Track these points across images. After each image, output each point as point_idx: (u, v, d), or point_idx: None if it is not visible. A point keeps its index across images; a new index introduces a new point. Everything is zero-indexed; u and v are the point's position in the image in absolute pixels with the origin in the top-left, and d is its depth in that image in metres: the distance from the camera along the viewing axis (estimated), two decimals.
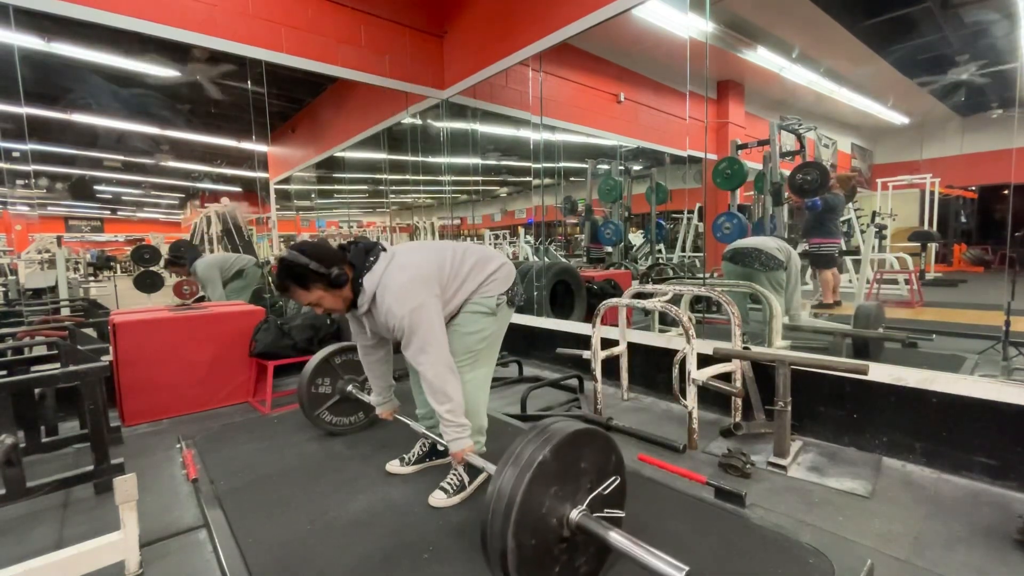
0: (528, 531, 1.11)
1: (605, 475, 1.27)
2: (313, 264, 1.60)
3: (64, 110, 5.08)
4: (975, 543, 1.55)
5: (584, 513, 1.18)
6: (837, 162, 6.09)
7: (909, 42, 4.70)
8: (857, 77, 5.46)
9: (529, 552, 1.12)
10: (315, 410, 2.39)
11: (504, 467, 1.15)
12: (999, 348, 2.48)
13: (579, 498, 1.21)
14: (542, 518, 1.14)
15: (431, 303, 1.64)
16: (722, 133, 5.93)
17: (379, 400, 2.09)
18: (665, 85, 5.70)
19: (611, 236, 5.62)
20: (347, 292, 1.69)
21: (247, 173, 7.47)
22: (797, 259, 3.32)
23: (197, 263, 4.26)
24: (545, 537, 1.15)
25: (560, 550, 1.20)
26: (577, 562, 1.25)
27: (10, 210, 5.05)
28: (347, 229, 8.83)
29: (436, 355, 1.63)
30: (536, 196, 4.40)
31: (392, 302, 1.62)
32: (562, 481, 1.17)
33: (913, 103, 5.43)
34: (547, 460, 1.12)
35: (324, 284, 1.63)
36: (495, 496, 1.12)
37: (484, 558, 1.15)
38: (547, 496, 1.14)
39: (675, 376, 2.49)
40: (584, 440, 1.22)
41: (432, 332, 1.63)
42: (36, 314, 3.73)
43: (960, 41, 4.44)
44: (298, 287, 1.64)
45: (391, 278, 1.65)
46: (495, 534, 1.10)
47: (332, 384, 2.42)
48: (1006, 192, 2.55)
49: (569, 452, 1.18)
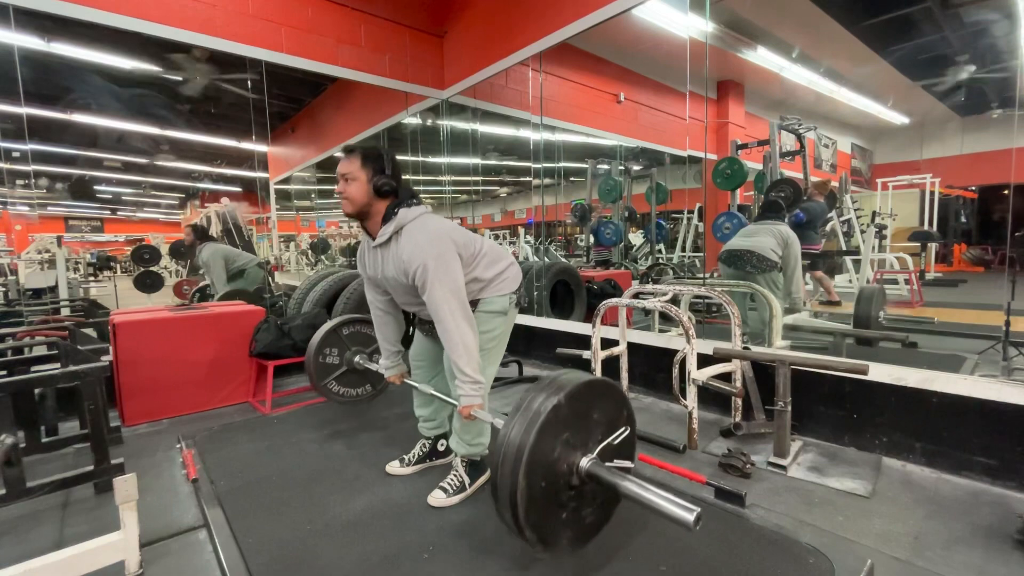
0: (538, 474, 1.11)
1: (615, 426, 1.28)
2: (387, 159, 1.69)
3: (64, 110, 5.08)
4: (975, 543, 1.55)
5: (595, 461, 1.19)
6: (837, 162, 6.09)
7: (909, 42, 4.70)
8: (857, 77, 5.46)
9: (539, 494, 1.12)
10: (323, 380, 2.38)
11: (515, 414, 1.15)
12: (999, 348, 2.48)
13: (589, 447, 1.21)
14: (552, 464, 1.14)
15: (456, 259, 1.64)
16: (722, 133, 5.94)
17: (388, 364, 2.08)
18: (665, 85, 5.70)
19: (611, 236, 5.62)
20: (378, 205, 1.69)
21: (247, 173, 7.47)
22: (796, 244, 3.32)
23: (205, 246, 4.30)
24: (555, 482, 1.16)
25: (569, 497, 1.20)
26: (584, 511, 1.25)
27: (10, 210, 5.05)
28: (347, 229, 8.83)
29: (459, 306, 1.62)
30: (536, 196, 4.39)
31: (422, 242, 1.61)
32: (573, 429, 1.18)
33: (913, 103, 5.43)
34: (559, 407, 1.13)
35: (374, 174, 1.66)
36: (506, 440, 1.12)
37: (493, 502, 1.16)
38: (558, 443, 1.15)
39: (675, 376, 2.49)
40: (595, 391, 1.22)
41: (457, 282, 1.62)
42: (36, 314, 3.74)
43: (960, 41, 4.44)
44: (360, 159, 1.67)
45: (425, 222, 1.67)
46: (505, 474, 1.11)
47: (340, 355, 2.42)
48: (1006, 192, 2.55)
49: (580, 401, 1.18)
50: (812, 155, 4.75)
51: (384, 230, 1.68)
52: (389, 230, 1.66)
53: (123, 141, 6.30)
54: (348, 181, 1.67)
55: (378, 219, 1.70)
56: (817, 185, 4.32)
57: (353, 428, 2.60)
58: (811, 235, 4.14)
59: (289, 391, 3.32)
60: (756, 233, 3.36)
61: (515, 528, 1.13)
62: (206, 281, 4.64)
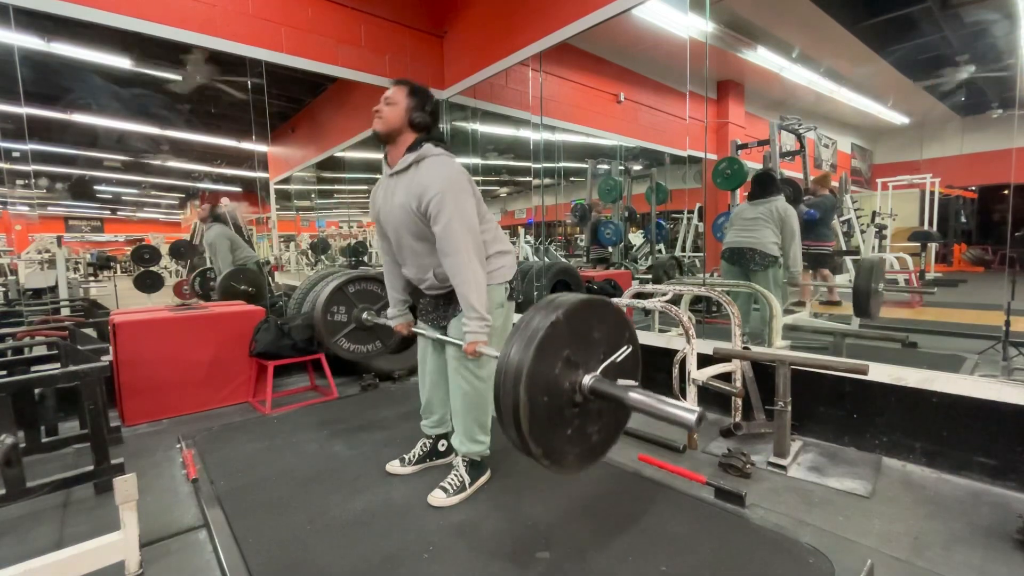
0: (540, 389, 1.11)
1: (617, 345, 1.27)
2: (430, 103, 1.75)
3: (64, 110, 5.07)
4: (975, 543, 1.55)
5: (597, 378, 1.19)
6: (837, 162, 6.09)
7: (909, 42, 4.70)
8: (857, 77, 5.46)
9: (542, 409, 1.12)
10: (332, 337, 2.37)
11: (515, 332, 1.15)
12: (999, 348, 2.48)
13: (592, 366, 1.21)
14: (554, 380, 1.14)
15: (472, 201, 1.66)
16: (722, 133, 5.94)
17: (395, 313, 2.08)
18: (665, 85, 5.70)
19: (611, 236, 5.62)
20: (408, 134, 1.73)
21: (247, 173, 7.47)
22: (794, 216, 3.28)
23: (214, 226, 4.34)
24: (558, 398, 1.16)
25: (573, 414, 1.20)
26: (590, 429, 1.25)
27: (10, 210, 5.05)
28: (347, 229, 8.83)
29: (471, 237, 1.62)
30: (536, 196, 4.39)
31: (443, 173, 1.63)
32: (574, 347, 1.17)
33: (913, 103, 5.43)
34: (559, 324, 1.12)
35: (415, 106, 1.72)
36: (507, 358, 1.12)
37: (497, 418, 1.16)
38: (559, 360, 1.14)
39: (675, 376, 2.49)
40: (595, 309, 1.22)
41: (470, 216, 1.64)
42: (36, 314, 3.74)
43: (960, 41, 4.44)
44: (407, 89, 1.74)
45: (449, 161, 1.70)
46: (507, 391, 1.10)
47: (347, 312, 2.42)
48: (1006, 192, 2.55)
49: (581, 320, 1.18)
50: (812, 155, 4.75)
51: (406, 157, 1.70)
52: (410, 158, 1.69)
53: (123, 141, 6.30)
54: (388, 103, 1.73)
55: (402, 149, 1.73)
56: (818, 180, 4.28)
57: (353, 428, 2.60)
58: (824, 232, 4.08)
59: (289, 391, 3.32)
60: (754, 225, 3.32)
61: (520, 444, 1.13)
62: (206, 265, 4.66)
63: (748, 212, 3.39)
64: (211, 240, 4.30)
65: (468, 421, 1.86)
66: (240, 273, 4.02)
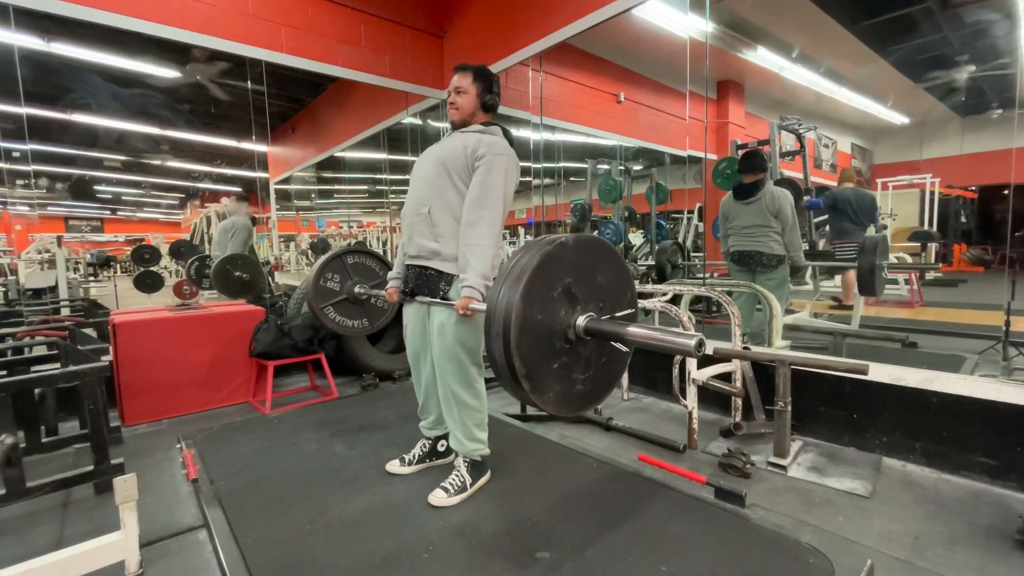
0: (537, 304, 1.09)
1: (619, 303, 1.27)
2: (496, 84, 1.87)
3: (64, 110, 5.07)
4: (975, 543, 1.55)
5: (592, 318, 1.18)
6: (837, 162, 6.09)
7: (909, 42, 4.70)
8: (857, 77, 5.46)
9: (533, 327, 1.10)
10: (320, 303, 2.33)
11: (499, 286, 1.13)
12: (999, 348, 2.48)
13: (590, 309, 1.20)
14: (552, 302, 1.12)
15: (514, 183, 1.77)
16: (722, 133, 5.94)
17: (395, 274, 2.06)
18: (665, 85, 5.70)
19: (611, 236, 5.62)
20: (481, 116, 1.86)
21: (247, 173, 7.47)
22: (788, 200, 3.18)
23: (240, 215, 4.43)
24: (551, 324, 1.14)
25: (562, 348, 1.18)
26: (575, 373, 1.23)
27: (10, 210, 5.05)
28: (347, 229, 8.83)
29: (503, 208, 1.72)
30: (536, 196, 4.39)
31: (506, 148, 1.76)
32: (577, 279, 1.15)
33: (913, 103, 5.43)
34: (567, 246, 1.11)
35: (482, 89, 1.83)
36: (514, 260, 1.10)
37: (486, 328, 1.13)
38: (560, 284, 1.12)
39: (675, 376, 2.49)
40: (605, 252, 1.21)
41: (508, 195, 1.73)
42: (36, 314, 3.74)
43: (960, 41, 4.44)
44: (473, 75, 1.83)
45: (510, 149, 1.80)
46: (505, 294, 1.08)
47: (341, 283, 2.38)
48: (1006, 192, 2.55)
49: (589, 254, 1.17)
50: (812, 155, 4.75)
51: (476, 126, 1.83)
52: (479, 128, 1.82)
53: (123, 141, 6.30)
54: (460, 93, 1.82)
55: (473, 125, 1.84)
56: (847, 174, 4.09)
57: (353, 428, 2.60)
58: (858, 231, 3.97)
59: (289, 391, 3.32)
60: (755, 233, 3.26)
61: (505, 354, 1.08)
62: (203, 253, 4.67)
63: (743, 218, 3.27)
64: (234, 222, 4.29)
65: (465, 422, 1.86)
66: (238, 259, 3.94)
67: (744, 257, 3.29)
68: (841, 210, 4.06)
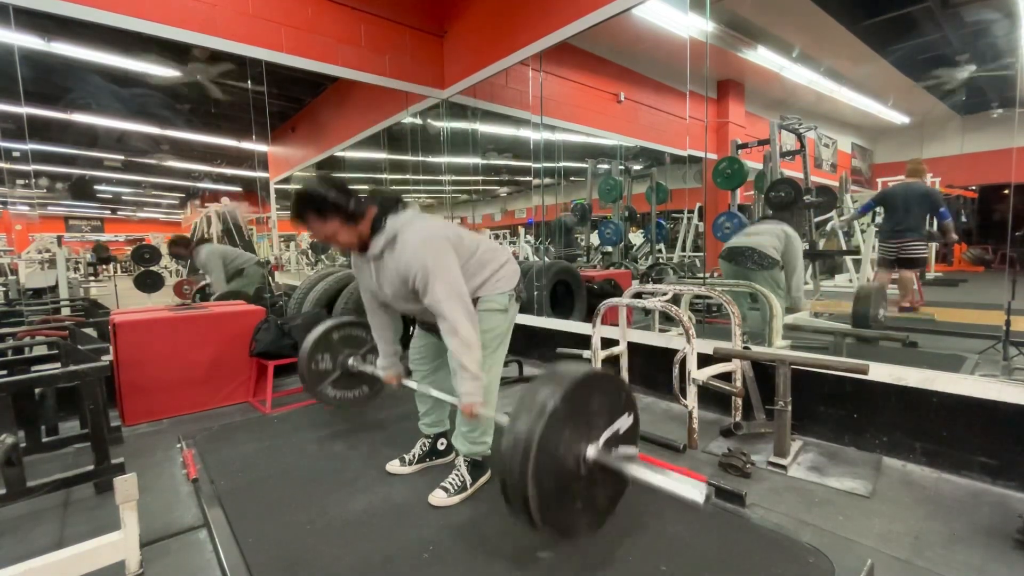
0: (548, 473, 1.13)
1: (617, 414, 1.29)
2: (332, 194, 1.58)
3: (64, 110, 5.08)
4: (975, 543, 1.55)
5: (600, 450, 1.21)
6: (837, 161, 6.09)
7: (909, 41, 4.69)
8: (857, 76, 5.46)
9: (551, 494, 1.14)
10: (317, 386, 2.35)
11: (519, 414, 1.16)
12: (999, 348, 2.48)
13: (594, 435, 1.23)
14: (559, 460, 1.16)
15: (453, 256, 1.64)
16: (722, 133, 5.94)
17: (384, 364, 2.07)
18: (665, 84, 5.70)
19: (611, 236, 5.62)
20: (364, 229, 1.66)
21: (247, 173, 7.47)
22: (798, 242, 3.30)
23: (200, 248, 4.30)
24: (564, 478, 1.18)
25: (579, 488, 1.22)
26: (597, 494, 1.28)
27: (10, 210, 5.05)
28: None
29: (459, 302, 1.61)
30: (536, 196, 4.39)
31: (417, 245, 1.60)
32: (576, 423, 1.19)
33: (913, 102, 5.43)
34: (560, 405, 1.14)
35: (342, 216, 1.60)
36: (512, 444, 1.13)
37: (505, 505, 1.17)
38: (562, 438, 1.16)
39: (675, 376, 2.49)
40: (595, 382, 1.24)
41: (456, 279, 1.62)
42: (36, 314, 3.74)
43: (960, 41, 4.44)
44: (316, 216, 1.60)
45: (419, 225, 1.64)
46: (514, 484, 1.12)
47: (332, 359, 2.38)
48: (1006, 192, 2.55)
49: (581, 395, 1.20)
50: (812, 155, 4.74)
51: (375, 242, 1.66)
52: (381, 242, 1.65)
53: (123, 141, 6.30)
54: (332, 238, 1.64)
55: (368, 233, 1.68)
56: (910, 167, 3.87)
57: (353, 428, 2.60)
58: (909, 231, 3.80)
59: (289, 391, 3.32)
60: (757, 232, 3.36)
61: (532, 529, 1.16)
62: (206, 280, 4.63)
63: (754, 228, 3.49)
64: (203, 262, 4.25)
65: (470, 422, 1.86)
66: (235, 295, 4.03)
67: (735, 253, 3.30)
68: (891, 208, 3.88)
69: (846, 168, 6.04)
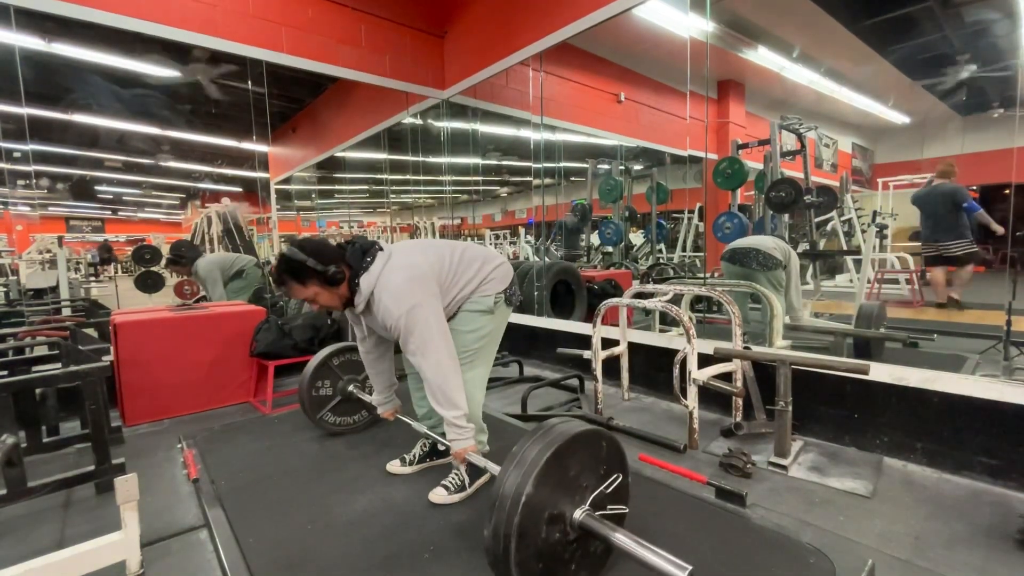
0: (533, 558, 1.12)
1: (608, 473, 1.28)
2: (310, 261, 1.62)
3: (65, 110, 5.07)
4: (976, 543, 1.55)
5: (588, 513, 1.19)
6: (838, 161, 6.09)
7: (910, 42, 4.69)
8: (858, 76, 5.45)
9: (538, 572, 1.13)
10: (317, 413, 2.39)
11: (507, 471, 1.15)
12: (1000, 348, 2.48)
13: (581, 497, 1.21)
14: (546, 531, 1.14)
15: (429, 302, 1.63)
16: (723, 133, 5.93)
17: (380, 400, 2.09)
18: (666, 85, 5.70)
19: (611, 236, 5.62)
20: (343, 290, 1.69)
21: (248, 173, 7.47)
22: (796, 259, 3.31)
23: (199, 262, 4.26)
24: (552, 550, 1.16)
25: (571, 551, 1.21)
26: (592, 547, 1.26)
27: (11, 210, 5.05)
28: (347, 229, 8.83)
29: (436, 355, 1.62)
30: (536, 196, 4.39)
31: (389, 302, 1.62)
32: (565, 484, 1.18)
33: (914, 102, 5.42)
34: (548, 465, 1.12)
35: (320, 281, 1.64)
36: (498, 503, 1.12)
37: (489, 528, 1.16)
38: (543, 517, 1.14)
39: (676, 376, 2.49)
40: (585, 442, 1.22)
41: (431, 331, 1.62)
42: (37, 314, 3.74)
43: (961, 40, 4.43)
44: (295, 282, 1.65)
45: (388, 279, 1.65)
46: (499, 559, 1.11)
47: (332, 386, 2.43)
48: (1007, 192, 2.55)
49: (570, 455, 1.18)
50: (813, 155, 4.74)
51: (357, 302, 1.71)
52: (362, 302, 1.69)
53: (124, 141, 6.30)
54: (315, 302, 1.70)
55: (348, 293, 1.72)
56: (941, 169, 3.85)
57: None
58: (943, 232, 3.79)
59: (290, 391, 3.32)
60: (759, 234, 3.37)
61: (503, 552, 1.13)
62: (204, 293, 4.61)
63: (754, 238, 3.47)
64: (202, 275, 4.21)
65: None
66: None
67: (738, 255, 3.30)
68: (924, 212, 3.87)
69: (847, 168, 6.03)
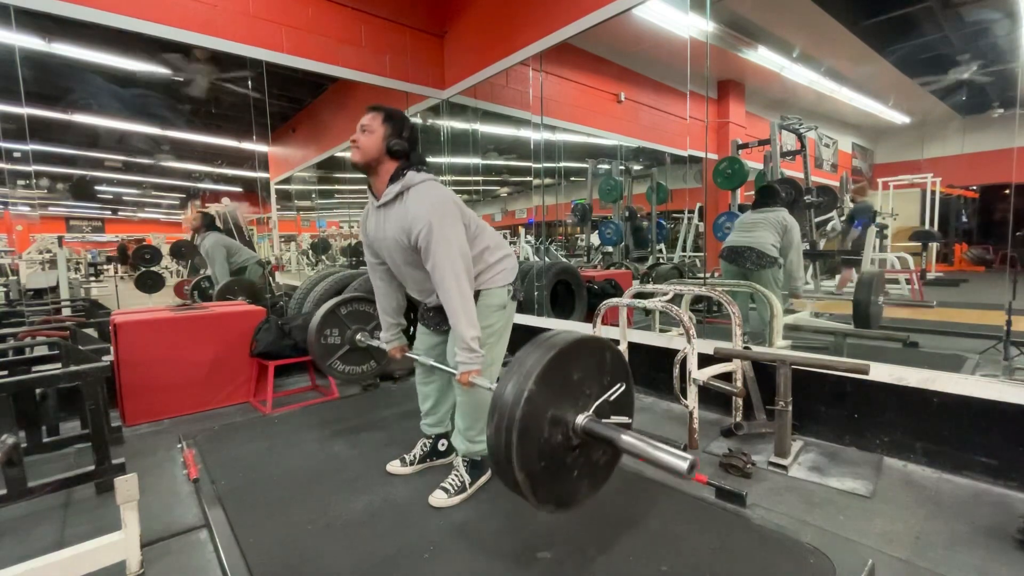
0: (534, 458, 1.11)
1: (611, 383, 1.28)
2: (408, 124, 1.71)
3: (65, 110, 5.07)
4: (976, 543, 1.55)
5: (590, 418, 1.19)
6: (838, 161, 6.09)
7: (910, 41, 4.69)
8: (858, 76, 5.45)
9: (541, 474, 1.13)
10: (327, 360, 2.39)
11: (511, 370, 1.15)
12: (1000, 348, 2.48)
13: (585, 404, 1.21)
14: (547, 439, 1.14)
15: (460, 225, 1.65)
16: (723, 133, 5.93)
17: (388, 336, 2.07)
18: (666, 85, 5.70)
19: (611, 236, 5.62)
20: (387, 164, 1.69)
21: (248, 173, 7.47)
22: (796, 228, 3.29)
23: (208, 236, 4.31)
24: (555, 453, 1.16)
25: (574, 457, 1.21)
26: (594, 457, 1.27)
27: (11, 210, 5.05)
28: (348, 229, 8.82)
29: (463, 266, 1.61)
30: (536, 196, 4.39)
31: (427, 202, 1.61)
32: (568, 388, 1.17)
33: (914, 102, 5.42)
34: (551, 365, 1.12)
35: (389, 132, 1.68)
36: (494, 433, 1.12)
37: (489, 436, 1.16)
38: (546, 418, 1.14)
39: (676, 376, 2.49)
40: (588, 349, 1.22)
41: (461, 245, 1.62)
42: (37, 314, 3.74)
43: (961, 40, 4.43)
44: (383, 116, 1.70)
45: (432, 186, 1.67)
46: (504, 473, 1.11)
47: (341, 335, 2.43)
48: (1007, 192, 2.55)
49: (573, 359, 1.17)
50: (813, 155, 4.74)
51: (390, 189, 1.68)
52: (395, 189, 1.67)
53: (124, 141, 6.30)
54: (364, 132, 1.69)
55: (385, 178, 1.70)
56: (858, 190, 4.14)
57: (354, 428, 2.60)
58: None
59: (290, 391, 3.32)
60: (754, 227, 3.34)
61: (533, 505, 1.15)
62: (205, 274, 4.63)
63: (749, 218, 3.44)
64: (207, 249, 4.26)
65: (469, 420, 1.86)
66: (235, 284, 4.05)
67: (734, 254, 3.30)
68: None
69: (847, 168, 6.03)
